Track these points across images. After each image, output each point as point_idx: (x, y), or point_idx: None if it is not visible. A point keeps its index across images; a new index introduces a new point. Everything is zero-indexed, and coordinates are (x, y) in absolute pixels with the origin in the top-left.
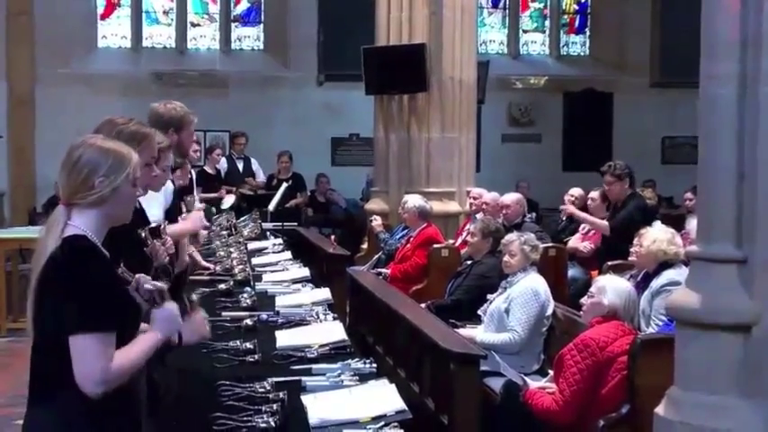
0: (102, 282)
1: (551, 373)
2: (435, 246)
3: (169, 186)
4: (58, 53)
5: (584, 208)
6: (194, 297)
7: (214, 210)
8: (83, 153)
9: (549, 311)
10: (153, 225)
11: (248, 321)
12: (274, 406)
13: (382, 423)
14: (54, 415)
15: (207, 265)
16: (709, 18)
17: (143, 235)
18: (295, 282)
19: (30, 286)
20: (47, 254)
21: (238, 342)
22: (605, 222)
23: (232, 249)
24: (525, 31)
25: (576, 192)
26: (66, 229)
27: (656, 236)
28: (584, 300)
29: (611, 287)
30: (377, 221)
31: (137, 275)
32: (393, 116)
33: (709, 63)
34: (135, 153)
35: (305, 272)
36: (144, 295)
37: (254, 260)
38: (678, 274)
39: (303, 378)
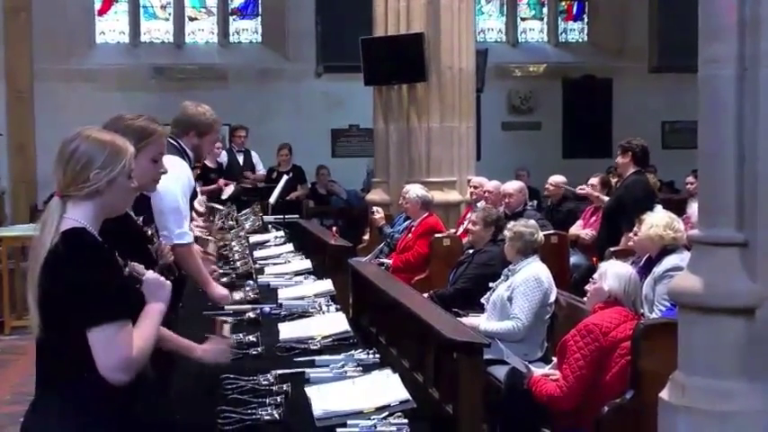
0: (106, 272)
1: (555, 360)
2: (437, 235)
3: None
4: (57, 49)
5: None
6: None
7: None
8: (78, 145)
9: (552, 298)
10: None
11: (251, 314)
12: (278, 398)
13: (386, 413)
14: (61, 408)
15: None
16: (707, 0)
17: (150, 232)
18: (297, 274)
19: (30, 282)
20: (46, 248)
21: (241, 335)
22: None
23: (234, 243)
24: (523, 19)
25: (554, 179)
26: (63, 223)
27: (654, 221)
28: (588, 286)
29: (611, 272)
30: (379, 214)
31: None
32: (392, 106)
33: (708, 46)
34: (131, 145)
35: (307, 264)
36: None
37: (256, 253)
38: (680, 259)
39: (307, 370)
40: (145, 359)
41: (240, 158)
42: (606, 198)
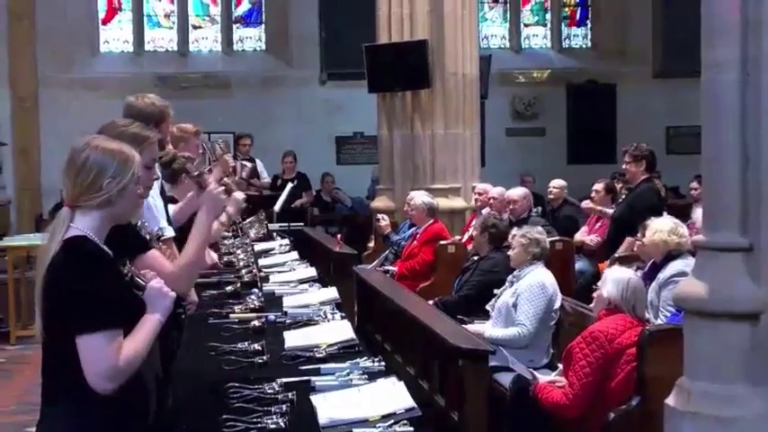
0: (102, 280)
1: (561, 366)
2: (442, 242)
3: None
4: (61, 58)
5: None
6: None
7: None
8: (89, 155)
9: (557, 305)
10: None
11: (256, 323)
12: (284, 407)
13: (392, 421)
14: (67, 415)
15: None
16: (709, 4)
17: (147, 237)
18: (302, 282)
19: (36, 291)
20: (49, 257)
21: (246, 343)
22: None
23: (239, 251)
24: (526, 25)
25: (557, 183)
26: (68, 231)
27: (658, 226)
28: (595, 293)
29: (610, 279)
30: (385, 222)
31: None
32: (396, 113)
33: (710, 49)
34: (137, 153)
35: (312, 272)
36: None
37: (261, 261)
38: (685, 264)
39: (312, 378)
40: (133, 369)
41: None
42: (610, 211)
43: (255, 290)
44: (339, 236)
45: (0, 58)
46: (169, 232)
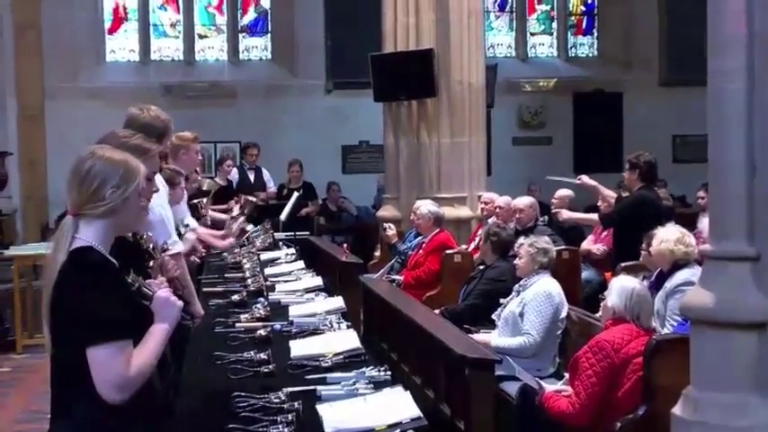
0: (110, 292)
1: (567, 376)
2: (448, 251)
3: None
4: (67, 68)
5: (595, 209)
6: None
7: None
8: (94, 164)
9: (564, 314)
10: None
11: (262, 332)
12: (290, 416)
13: (398, 431)
14: (75, 425)
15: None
16: (715, 13)
17: (150, 247)
18: (308, 291)
19: (44, 302)
20: (57, 269)
21: (252, 353)
22: (595, 216)
23: (245, 260)
24: (533, 34)
25: (560, 193)
26: (74, 242)
27: (665, 236)
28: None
29: (614, 288)
30: (391, 231)
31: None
32: (402, 122)
33: (717, 58)
34: (141, 164)
35: (318, 281)
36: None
37: (267, 270)
38: (692, 274)
39: (318, 387)
40: (143, 380)
41: (251, 176)
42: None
43: (261, 299)
44: (345, 245)
45: (6, 67)
46: (178, 246)
